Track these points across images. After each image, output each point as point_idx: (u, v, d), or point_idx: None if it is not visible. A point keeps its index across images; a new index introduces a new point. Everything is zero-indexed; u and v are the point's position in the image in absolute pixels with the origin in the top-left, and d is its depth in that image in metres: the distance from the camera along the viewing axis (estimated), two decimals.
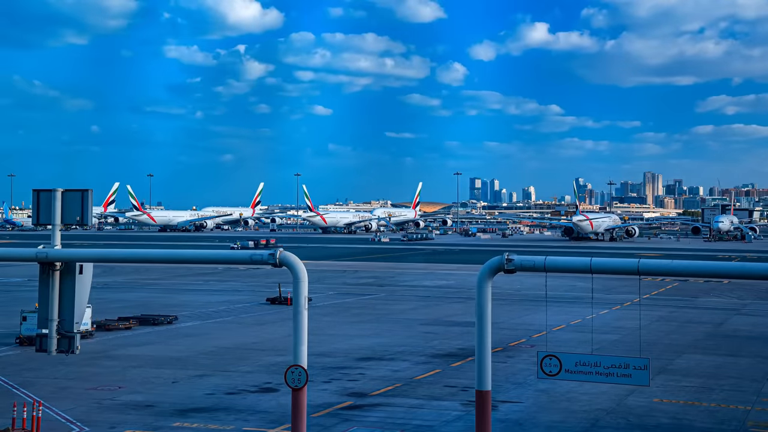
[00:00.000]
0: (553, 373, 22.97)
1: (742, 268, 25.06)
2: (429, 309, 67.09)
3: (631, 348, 43.51)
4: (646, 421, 31.62)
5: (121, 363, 42.76)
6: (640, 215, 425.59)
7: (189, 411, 32.57)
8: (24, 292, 71.83)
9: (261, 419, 31.41)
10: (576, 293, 76.64)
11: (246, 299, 72.84)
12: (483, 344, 22.98)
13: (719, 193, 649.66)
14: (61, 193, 26.48)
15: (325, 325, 55.47)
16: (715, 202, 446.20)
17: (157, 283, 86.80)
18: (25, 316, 47.53)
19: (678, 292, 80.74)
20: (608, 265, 23.98)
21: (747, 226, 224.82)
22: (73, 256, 25.99)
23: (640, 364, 22.53)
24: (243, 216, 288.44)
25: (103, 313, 58.02)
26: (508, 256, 22.80)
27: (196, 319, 60.21)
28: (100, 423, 30.60)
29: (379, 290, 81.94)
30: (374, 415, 32.12)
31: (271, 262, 23.32)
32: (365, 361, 43.52)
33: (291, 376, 23.04)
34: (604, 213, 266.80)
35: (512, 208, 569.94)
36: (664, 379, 38.86)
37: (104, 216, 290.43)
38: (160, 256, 37.09)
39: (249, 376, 39.46)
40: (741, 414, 32.80)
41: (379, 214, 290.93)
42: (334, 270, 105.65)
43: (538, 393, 35.88)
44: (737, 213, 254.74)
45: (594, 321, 57.38)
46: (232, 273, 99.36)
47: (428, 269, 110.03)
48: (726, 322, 60.85)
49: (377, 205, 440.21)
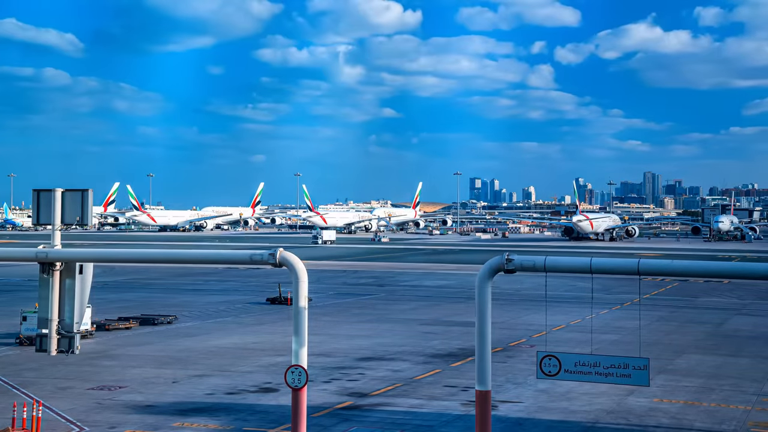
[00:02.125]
0: (553, 373, 22.98)
1: (742, 268, 25.14)
2: (429, 309, 67.08)
3: (630, 348, 43.48)
4: (646, 421, 31.61)
5: (121, 363, 42.75)
6: (640, 215, 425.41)
7: (189, 411, 32.57)
8: (24, 292, 71.85)
9: (261, 419, 31.40)
10: (576, 293, 76.63)
11: (246, 299, 72.84)
12: (483, 344, 22.99)
13: (719, 193, 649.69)
14: (60, 193, 26.49)
15: (325, 325, 55.47)
16: (715, 202, 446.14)
17: (157, 283, 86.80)
18: (25, 316, 47.52)
19: (678, 292, 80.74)
20: (608, 265, 24.00)
21: (747, 226, 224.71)
22: (73, 256, 26.00)
23: (639, 364, 22.54)
24: (243, 216, 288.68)
25: (103, 313, 58.05)
26: (508, 256, 22.80)
27: (196, 319, 60.21)
28: (100, 423, 30.60)
29: (379, 290, 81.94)
30: (374, 415, 32.11)
31: (271, 262, 23.32)
32: (365, 361, 43.52)
33: (291, 376, 23.04)
34: (604, 213, 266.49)
35: (512, 208, 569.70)
36: (664, 379, 38.85)
37: (104, 216, 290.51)
38: (160, 256, 37.20)
39: (249, 376, 39.46)
40: (741, 414, 32.79)
41: (379, 214, 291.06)
42: (334, 270, 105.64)
43: (538, 393, 35.87)
44: (737, 213, 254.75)
45: (594, 321, 57.36)
46: (232, 273, 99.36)
47: (428, 269, 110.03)
48: (726, 322, 60.85)
49: (377, 205, 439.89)
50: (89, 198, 26.52)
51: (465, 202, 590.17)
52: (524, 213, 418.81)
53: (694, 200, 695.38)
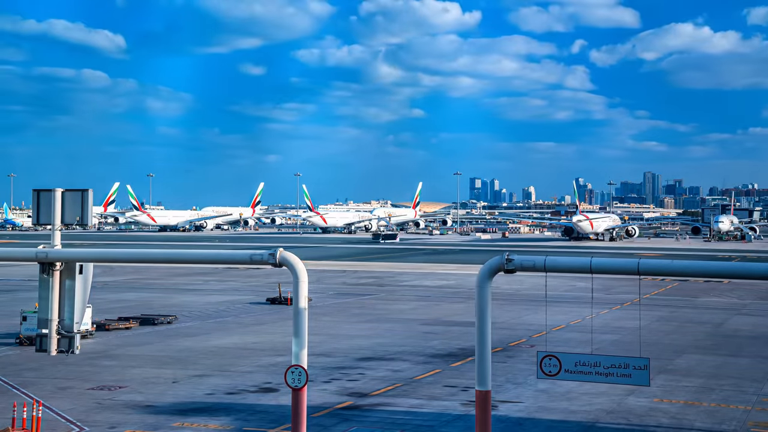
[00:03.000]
0: (553, 373, 22.98)
1: (742, 268, 25.14)
2: (429, 309, 67.08)
3: (630, 348, 43.47)
4: (646, 421, 31.61)
5: (121, 363, 42.75)
6: (640, 215, 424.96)
7: (189, 411, 32.57)
8: (24, 292, 71.83)
9: (261, 419, 31.40)
10: (576, 293, 76.62)
11: (246, 299, 72.83)
12: (483, 344, 22.98)
13: (719, 193, 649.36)
14: (60, 193, 26.49)
15: (325, 325, 55.46)
16: (715, 202, 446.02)
17: (157, 283, 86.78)
18: (25, 316, 47.52)
19: (678, 292, 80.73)
20: (608, 265, 24.01)
21: (747, 226, 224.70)
22: (73, 256, 26.01)
23: (640, 364, 22.54)
24: (243, 216, 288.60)
25: (103, 313, 58.04)
26: (508, 256, 22.80)
27: (196, 319, 60.21)
28: (100, 423, 30.59)
29: (379, 290, 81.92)
30: (374, 415, 32.11)
31: (271, 262, 23.32)
32: (365, 361, 43.51)
33: (291, 376, 23.05)
34: (604, 213, 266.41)
35: (512, 208, 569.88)
36: (664, 379, 38.84)
37: (104, 216, 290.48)
38: (160, 256, 37.16)
39: (249, 376, 39.45)
40: (741, 414, 32.78)
41: (379, 214, 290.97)
42: (334, 270, 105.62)
43: (538, 393, 35.87)
44: (737, 213, 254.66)
45: (594, 321, 57.37)
46: (232, 273, 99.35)
47: (428, 269, 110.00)
48: (726, 322, 60.84)
49: (377, 205, 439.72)
50: (89, 198, 26.52)
51: (465, 202, 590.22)
52: (524, 213, 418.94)
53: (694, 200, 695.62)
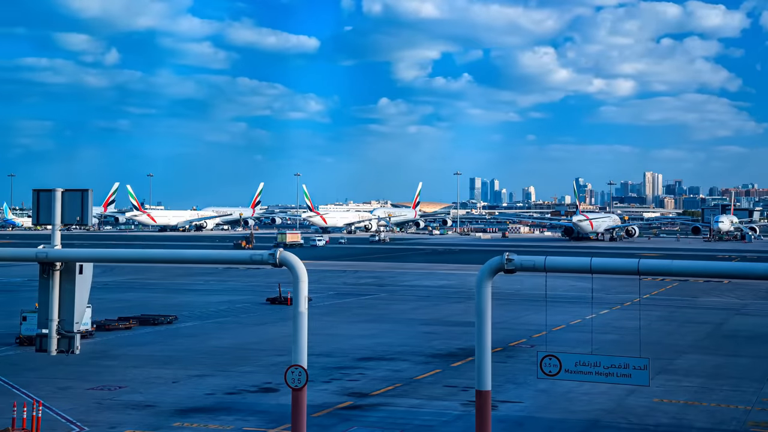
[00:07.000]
0: (553, 373, 22.97)
1: (742, 268, 25.09)
2: (429, 309, 67.08)
3: (630, 348, 43.44)
4: (646, 421, 31.62)
5: (121, 363, 42.76)
6: (640, 215, 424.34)
7: (189, 411, 32.57)
8: (24, 292, 71.80)
9: (261, 419, 31.41)
10: (576, 293, 76.62)
11: (246, 299, 72.82)
12: (483, 344, 22.98)
13: (719, 193, 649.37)
14: (61, 193, 26.49)
15: (325, 325, 55.44)
16: (715, 202, 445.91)
17: (157, 283, 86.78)
18: (25, 316, 47.52)
19: (678, 292, 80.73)
20: (608, 265, 24.00)
21: (747, 226, 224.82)
22: (73, 256, 26.00)
23: (640, 364, 22.53)
24: (243, 216, 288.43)
25: (103, 313, 58.00)
26: (508, 256, 22.79)
27: (196, 319, 60.21)
28: (100, 423, 30.60)
29: (379, 290, 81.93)
30: (374, 415, 32.11)
31: (271, 262, 23.32)
32: (365, 361, 43.51)
33: (291, 376, 23.04)
34: (604, 213, 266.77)
35: (512, 208, 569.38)
36: (664, 379, 38.85)
37: (104, 216, 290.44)
38: (160, 256, 37.19)
39: (249, 376, 39.45)
40: (741, 414, 32.79)
41: (379, 214, 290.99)
42: (334, 270, 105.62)
43: (538, 393, 35.87)
44: (737, 213, 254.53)
45: (594, 321, 57.38)
46: (232, 273, 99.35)
47: (428, 269, 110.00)
48: (726, 322, 60.85)
49: (377, 205, 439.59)
50: (89, 198, 26.52)
51: (465, 202, 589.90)
52: (524, 213, 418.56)
53: (694, 200, 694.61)
